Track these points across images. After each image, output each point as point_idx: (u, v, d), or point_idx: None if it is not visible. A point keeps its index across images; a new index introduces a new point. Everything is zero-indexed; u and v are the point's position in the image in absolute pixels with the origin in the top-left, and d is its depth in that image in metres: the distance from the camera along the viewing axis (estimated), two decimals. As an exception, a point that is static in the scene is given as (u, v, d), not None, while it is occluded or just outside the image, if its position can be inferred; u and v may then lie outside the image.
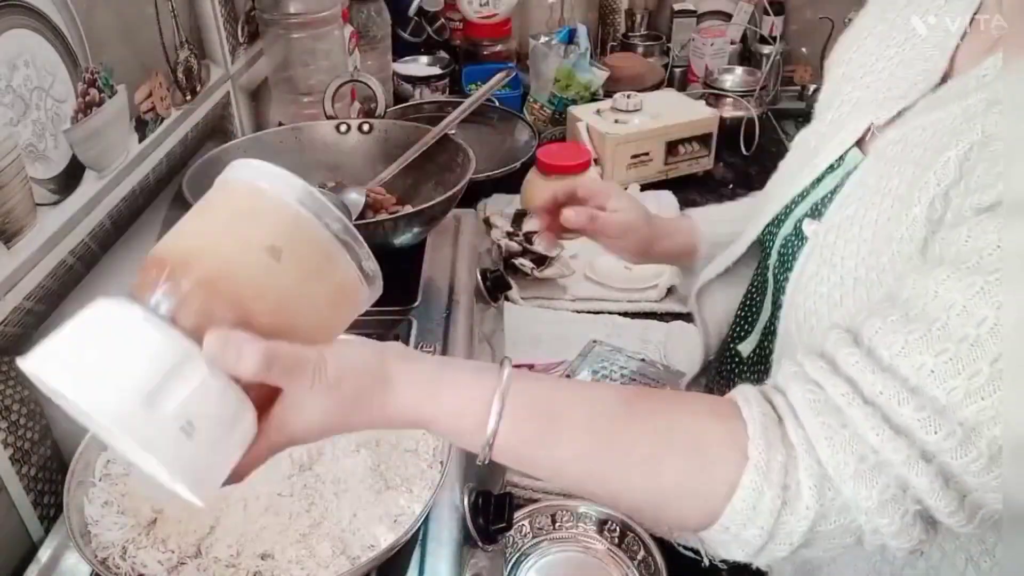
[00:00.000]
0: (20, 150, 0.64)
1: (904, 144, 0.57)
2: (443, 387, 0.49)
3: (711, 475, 0.48)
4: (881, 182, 0.57)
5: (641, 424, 0.50)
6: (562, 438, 0.49)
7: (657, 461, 0.49)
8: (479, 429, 0.47)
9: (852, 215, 0.58)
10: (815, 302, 0.60)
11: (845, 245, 0.58)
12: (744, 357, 0.74)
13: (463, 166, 0.94)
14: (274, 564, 0.53)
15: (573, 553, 0.84)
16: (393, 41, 1.66)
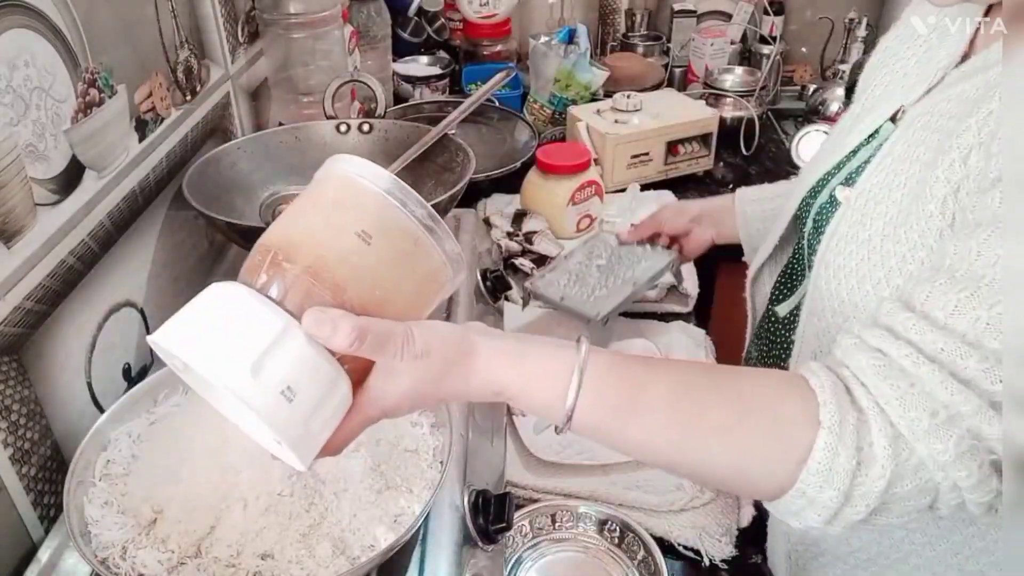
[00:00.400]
0: (20, 150, 0.64)
1: (931, 115, 0.62)
2: (525, 360, 0.51)
3: (787, 441, 0.49)
4: (909, 150, 0.62)
5: (718, 393, 0.52)
6: (641, 409, 0.50)
7: (735, 428, 0.50)
8: (559, 401, 0.50)
9: (882, 180, 0.63)
10: (845, 259, 0.64)
11: (875, 207, 0.62)
12: (780, 318, 0.80)
13: (463, 166, 0.94)
14: (274, 564, 0.53)
15: (573, 553, 0.84)
16: (393, 41, 1.66)
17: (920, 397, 0.47)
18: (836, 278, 0.65)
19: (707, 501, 0.86)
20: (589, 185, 1.29)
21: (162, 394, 0.66)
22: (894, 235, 0.60)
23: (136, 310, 0.84)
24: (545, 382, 0.50)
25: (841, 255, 0.65)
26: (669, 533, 0.84)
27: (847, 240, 0.65)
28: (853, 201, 0.66)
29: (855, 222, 0.64)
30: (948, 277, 0.49)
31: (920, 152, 0.61)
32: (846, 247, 0.64)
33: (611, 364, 0.51)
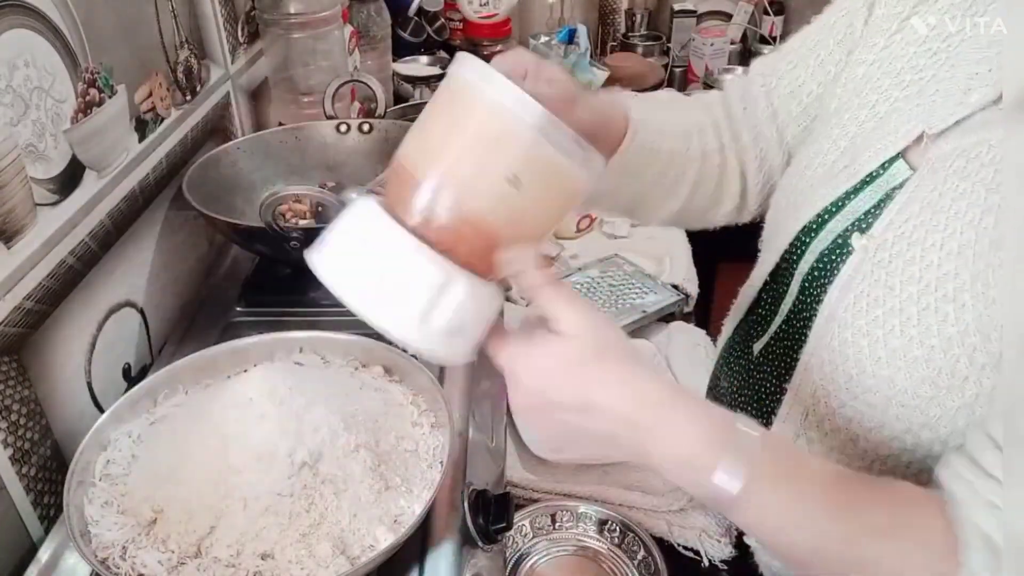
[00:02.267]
0: (20, 150, 0.64)
1: (966, 160, 0.54)
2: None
3: (939, 568, 0.47)
4: (943, 201, 0.54)
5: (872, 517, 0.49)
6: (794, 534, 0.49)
7: (890, 534, 0.48)
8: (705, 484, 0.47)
9: (909, 234, 0.56)
10: (868, 324, 0.57)
11: (904, 268, 0.55)
12: (755, 356, 0.74)
13: (463, 166, 0.94)
14: (274, 564, 0.53)
15: (573, 553, 0.84)
16: (393, 41, 1.65)
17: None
18: (855, 344, 0.58)
19: (707, 501, 0.86)
20: (589, 185, 1.28)
21: (162, 394, 0.66)
22: (937, 308, 0.53)
23: (136, 310, 0.84)
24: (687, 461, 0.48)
25: (862, 317, 0.57)
26: (669, 533, 0.84)
27: (868, 301, 0.57)
28: (872, 253, 0.58)
29: (877, 281, 0.57)
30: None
31: (962, 208, 0.53)
32: (869, 309, 0.57)
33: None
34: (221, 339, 0.79)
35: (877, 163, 0.61)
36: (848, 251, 0.61)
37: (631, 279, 1.14)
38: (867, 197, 0.61)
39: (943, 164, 0.55)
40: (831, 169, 0.65)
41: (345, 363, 0.70)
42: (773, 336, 0.71)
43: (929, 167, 0.57)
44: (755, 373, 0.73)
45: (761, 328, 0.73)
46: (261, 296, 0.88)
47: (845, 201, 0.63)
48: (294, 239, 0.77)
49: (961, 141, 0.55)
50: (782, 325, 0.69)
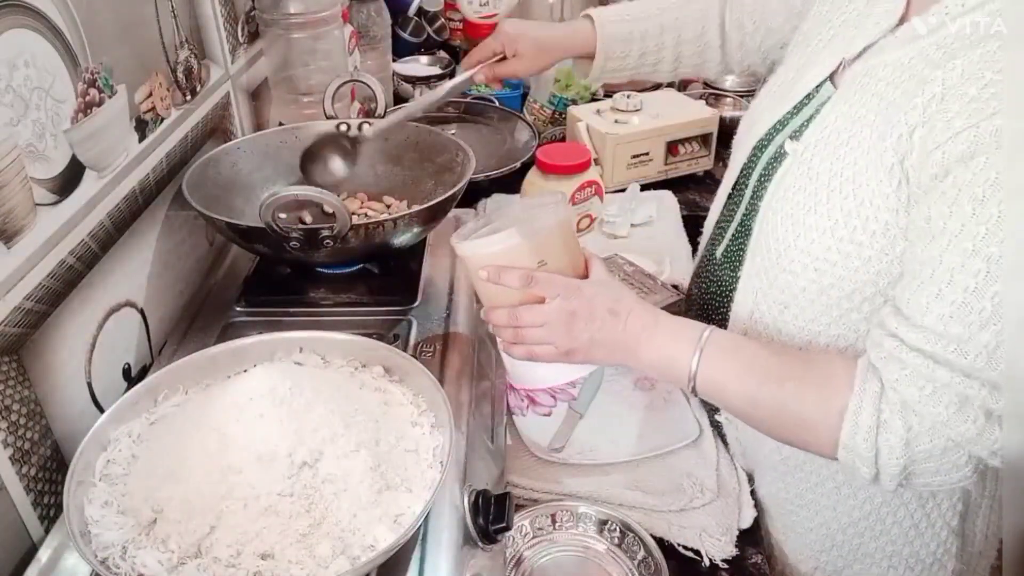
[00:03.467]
0: (20, 150, 0.64)
1: (869, 77, 0.69)
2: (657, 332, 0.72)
3: (832, 403, 0.64)
4: (851, 110, 0.69)
5: (789, 370, 0.68)
6: (734, 384, 0.69)
7: (803, 384, 0.67)
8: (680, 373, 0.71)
9: (827, 137, 0.71)
10: (792, 208, 0.72)
11: (820, 161, 0.71)
12: (717, 260, 0.88)
13: (463, 166, 0.94)
14: (274, 564, 0.53)
15: (573, 553, 0.84)
16: (393, 41, 1.66)
17: (912, 376, 0.60)
18: (783, 225, 0.73)
19: (707, 501, 0.86)
20: (589, 185, 1.29)
21: (162, 394, 0.66)
22: (841, 190, 0.68)
23: (136, 310, 0.84)
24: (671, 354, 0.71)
25: (788, 203, 0.73)
26: (669, 533, 0.84)
27: (794, 190, 0.72)
28: (800, 154, 0.73)
29: (801, 174, 0.72)
30: (918, 283, 0.60)
31: (861, 114, 0.68)
32: (793, 196, 0.72)
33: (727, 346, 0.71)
34: (221, 339, 0.79)
35: (811, 87, 0.77)
36: (784, 156, 0.77)
37: (631, 279, 1.14)
38: (804, 114, 0.77)
39: (853, 82, 0.71)
40: (778, 93, 0.82)
41: (345, 363, 0.70)
42: (731, 238, 0.86)
43: (844, 86, 0.72)
44: (717, 272, 0.88)
45: (723, 235, 0.88)
46: (261, 296, 0.88)
47: (789, 119, 0.79)
48: (294, 239, 0.78)
49: (867, 63, 0.70)
50: (737, 227, 0.84)
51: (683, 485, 0.87)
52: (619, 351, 0.73)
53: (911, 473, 0.63)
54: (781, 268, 0.73)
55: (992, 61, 0.58)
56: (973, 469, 0.62)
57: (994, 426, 0.59)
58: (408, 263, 0.93)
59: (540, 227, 0.73)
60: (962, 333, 0.58)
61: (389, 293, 0.88)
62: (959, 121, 0.57)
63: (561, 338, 0.72)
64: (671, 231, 1.34)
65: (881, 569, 0.84)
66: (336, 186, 0.99)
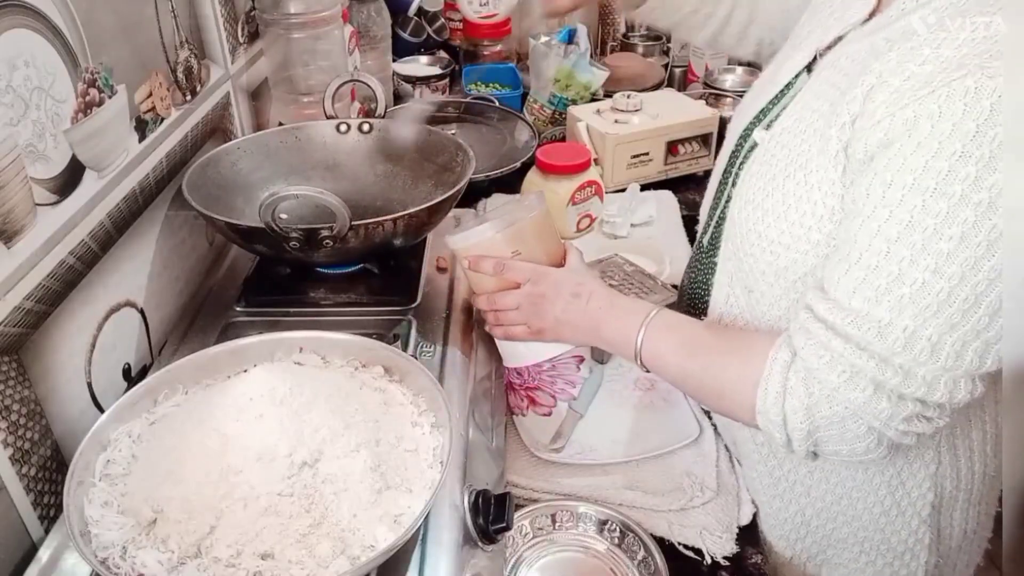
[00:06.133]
0: (20, 150, 0.64)
1: (833, 69, 0.72)
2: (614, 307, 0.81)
3: (748, 372, 0.69)
4: (812, 100, 0.73)
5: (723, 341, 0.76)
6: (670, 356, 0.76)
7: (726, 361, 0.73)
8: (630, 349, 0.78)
9: (790, 126, 0.74)
10: (753, 194, 0.76)
11: (780, 149, 0.74)
12: (704, 246, 0.91)
13: (463, 166, 0.94)
14: (274, 564, 0.53)
15: (573, 553, 0.84)
16: (393, 41, 1.66)
17: (822, 349, 0.64)
18: (746, 210, 0.77)
19: (707, 500, 0.86)
20: (589, 185, 1.29)
21: (162, 394, 0.66)
22: (794, 176, 0.71)
23: (136, 310, 0.84)
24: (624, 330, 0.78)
25: (751, 190, 0.76)
26: (669, 533, 0.84)
27: (757, 176, 0.76)
28: (767, 143, 0.77)
29: (764, 161, 0.76)
30: (846, 266, 0.63)
31: (820, 104, 0.71)
32: (755, 183, 0.76)
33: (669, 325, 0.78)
34: (221, 339, 0.79)
35: (789, 77, 0.80)
36: (755, 145, 0.80)
37: (631, 279, 1.14)
38: (782, 104, 0.80)
39: (820, 72, 0.74)
40: (762, 85, 0.86)
41: (345, 363, 0.70)
42: (713, 226, 0.88)
43: (814, 76, 0.75)
44: (703, 259, 0.91)
45: (709, 224, 0.91)
46: (261, 296, 0.88)
47: (769, 109, 0.82)
48: (294, 239, 0.77)
49: (835, 54, 0.73)
50: (719, 215, 0.87)
51: (683, 484, 0.87)
52: (582, 330, 0.82)
53: (818, 440, 0.66)
54: (745, 252, 0.77)
55: (917, 53, 0.61)
56: (877, 442, 0.65)
57: (881, 399, 0.62)
58: (408, 263, 0.93)
59: (514, 220, 0.82)
60: (885, 316, 0.61)
61: (389, 293, 0.88)
62: (882, 110, 0.61)
63: (531, 318, 0.82)
64: (671, 231, 1.34)
65: (853, 554, 0.86)
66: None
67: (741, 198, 0.78)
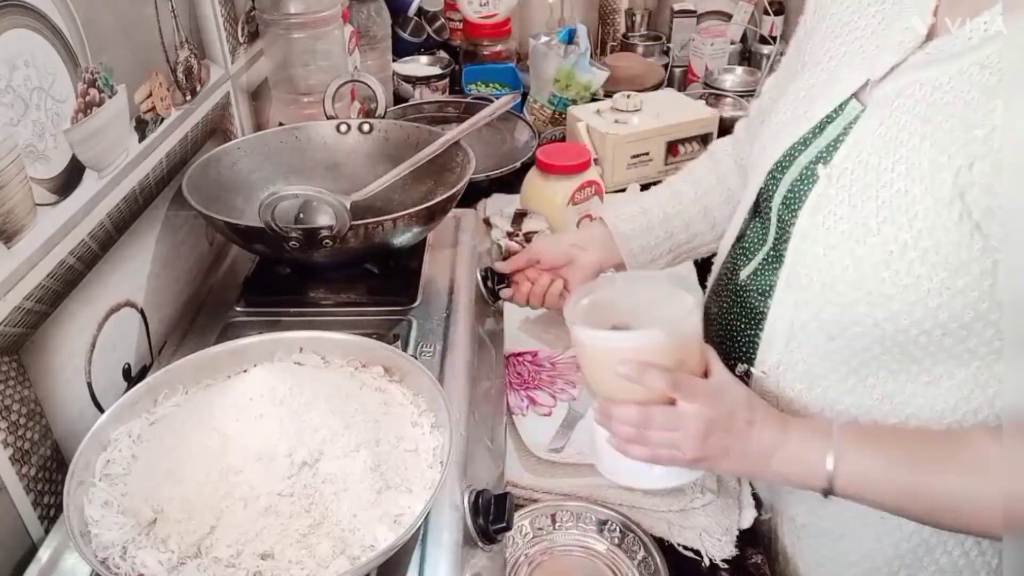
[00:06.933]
0: (20, 150, 0.64)
1: (904, 98, 0.67)
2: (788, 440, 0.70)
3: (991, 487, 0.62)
4: (890, 132, 0.67)
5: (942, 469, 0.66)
6: (879, 474, 0.67)
7: (958, 503, 0.64)
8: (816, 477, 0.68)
9: (865, 161, 0.68)
10: (836, 238, 0.69)
11: (864, 189, 0.67)
12: (741, 280, 0.84)
13: (463, 166, 0.94)
14: (274, 564, 0.53)
15: (573, 553, 0.84)
16: (393, 41, 1.66)
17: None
18: (827, 256, 0.69)
19: (707, 501, 0.86)
20: (589, 185, 1.29)
21: (162, 394, 0.66)
22: (894, 220, 0.64)
23: (136, 310, 0.84)
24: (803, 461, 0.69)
25: (831, 233, 0.69)
26: (669, 533, 0.84)
27: (835, 218, 0.69)
28: (835, 180, 0.70)
29: (841, 201, 0.69)
30: None
31: (904, 138, 0.65)
32: (835, 225, 0.69)
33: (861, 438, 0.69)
34: (221, 339, 0.79)
35: (832, 107, 0.74)
36: (814, 180, 0.73)
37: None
38: (828, 134, 0.74)
39: (886, 102, 0.68)
40: (792, 115, 0.78)
41: (345, 363, 0.70)
42: (760, 263, 0.82)
43: (875, 105, 0.69)
44: (743, 295, 0.84)
45: (747, 257, 0.84)
46: (261, 296, 0.88)
47: (810, 139, 0.75)
48: (294, 239, 0.78)
49: (898, 82, 0.68)
50: (768, 252, 0.81)
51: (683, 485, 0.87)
52: (748, 462, 0.71)
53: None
54: (827, 300, 0.70)
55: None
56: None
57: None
58: (408, 263, 0.93)
59: (686, 329, 0.71)
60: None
61: (389, 293, 0.88)
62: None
63: (692, 446, 0.69)
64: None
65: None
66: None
67: (816, 243, 0.71)
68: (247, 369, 0.68)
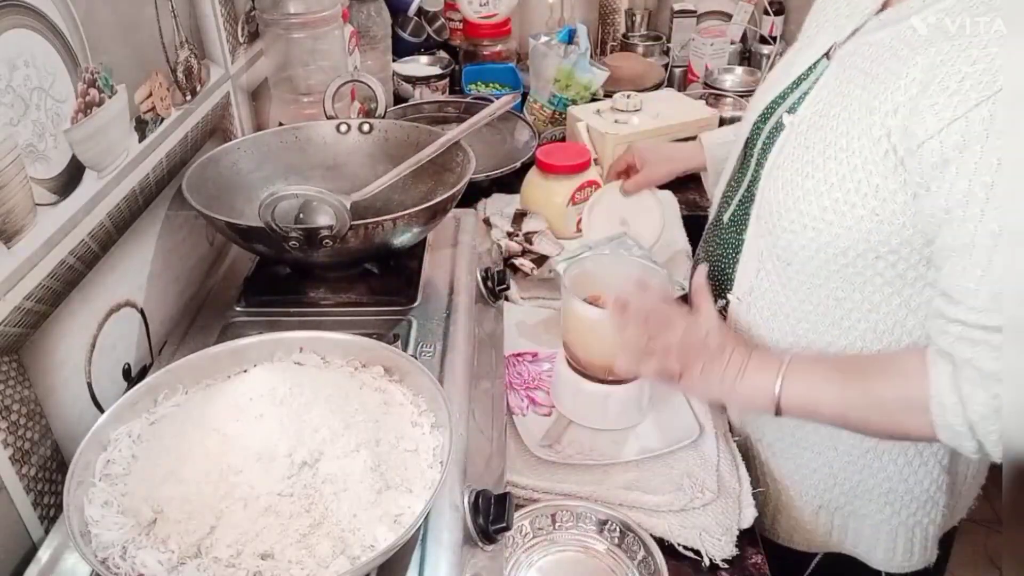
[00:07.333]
0: (20, 150, 0.64)
1: (856, 56, 0.79)
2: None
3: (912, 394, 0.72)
4: (840, 85, 0.79)
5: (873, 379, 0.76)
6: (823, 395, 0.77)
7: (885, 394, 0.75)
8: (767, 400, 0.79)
9: (819, 110, 0.81)
10: (791, 175, 0.80)
11: (815, 132, 0.79)
12: (724, 223, 0.96)
13: (463, 166, 0.94)
14: (274, 564, 0.53)
15: (573, 553, 0.84)
16: (393, 41, 1.66)
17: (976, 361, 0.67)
18: (784, 190, 0.81)
19: (707, 501, 0.86)
20: (589, 185, 1.29)
21: (162, 394, 0.66)
22: (835, 157, 0.76)
23: (136, 310, 0.84)
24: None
25: (788, 171, 0.81)
26: (669, 533, 0.84)
27: (792, 159, 0.81)
28: (796, 126, 0.83)
29: (798, 143, 0.81)
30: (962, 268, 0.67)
31: (849, 88, 0.77)
32: (791, 164, 0.81)
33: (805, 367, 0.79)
34: (221, 339, 0.79)
35: (807, 65, 0.87)
36: (782, 127, 0.86)
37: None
38: (801, 89, 0.87)
39: (842, 60, 0.81)
40: (778, 75, 0.93)
41: (345, 363, 0.70)
42: (737, 204, 0.94)
43: (835, 63, 0.82)
44: (724, 235, 0.96)
45: (729, 201, 0.96)
46: (261, 296, 0.88)
47: (787, 93, 0.89)
48: (294, 239, 0.78)
49: (855, 43, 0.80)
50: (743, 193, 0.93)
51: (683, 485, 0.87)
52: (718, 384, 0.81)
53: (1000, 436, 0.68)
54: (783, 228, 0.81)
55: (963, 55, 0.66)
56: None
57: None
58: (408, 263, 0.93)
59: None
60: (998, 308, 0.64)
61: (389, 293, 0.88)
62: (947, 112, 0.65)
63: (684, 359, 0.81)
64: (671, 231, 1.34)
65: (879, 504, 0.92)
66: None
67: (775, 179, 0.83)
68: (247, 369, 0.68)
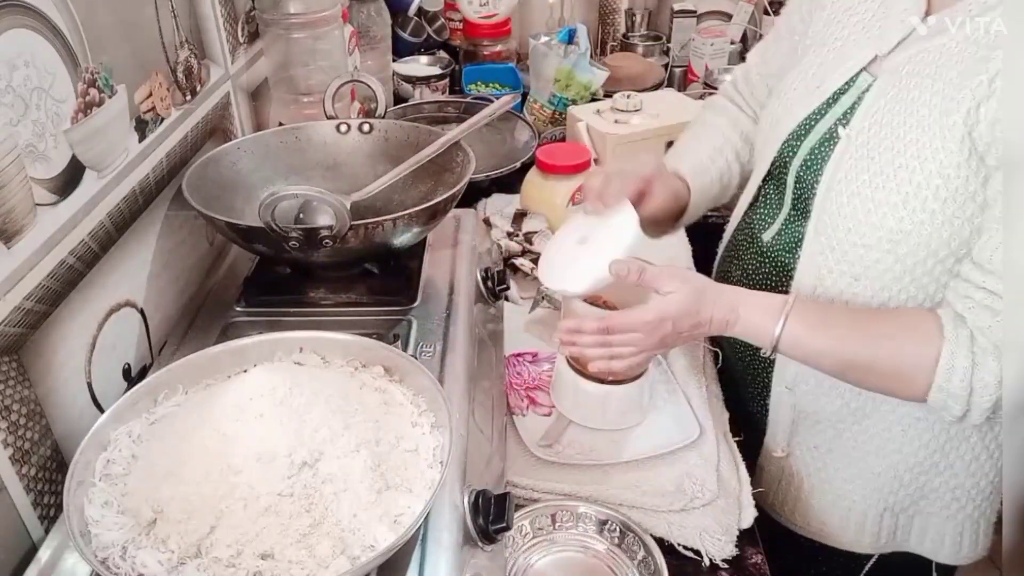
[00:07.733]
0: (20, 150, 0.64)
1: (913, 63, 0.78)
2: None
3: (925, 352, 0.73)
4: (900, 93, 0.78)
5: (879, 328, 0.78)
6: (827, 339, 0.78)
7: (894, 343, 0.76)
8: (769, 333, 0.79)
9: (880, 120, 0.79)
10: (858, 187, 0.79)
11: (879, 143, 0.78)
12: (767, 242, 0.94)
13: (463, 166, 0.94)
14: (274, 564, 0.53)
15: (573, 553, 0.84)
16: (393, 41, 1.66)
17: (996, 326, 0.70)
18: (850, 203, 0.80)
19: (707, 501, 0.86)
20: (589, 185, 1.28)
21: (162, 394, 0.66)
22: (907, 165, 0.75)
23: (136, 310, 0.84)
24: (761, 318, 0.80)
25: (853, 184, 0.79)
26: (669, 533, 0.84)
27: (856, 171, 0.79)
28: (854, 139, 0.81)
29: (861, 156, 0.79)
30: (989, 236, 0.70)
31: (915, 95, 0.76)
32: (857, 177, 0.79)
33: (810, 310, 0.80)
34: (221, 339, 0.79)
35: (843, 80, 0.85)
36: (835, 141, 0.84)
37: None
38: (843, 103, 0.85)
39: (896, 70, 0.80)
40: (804, 90, 0.89)
41: (345, 363, 0.70)
42: (783, 223, 0.92)
43: (887, 74, 0.81)
44: (768, 254, 0.94)
45: (766, 220, 0.95)
46: (261, 296, 0.88)
47: (825, 109, 0.86)
48: (294, 239, 0.78)
49: (905, 53, 0.79)
50: (790, 212, 0.91)
51: (683, 485, 0.87)
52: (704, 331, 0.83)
53: (998, 407, 0.71)
54: (852, 243, 0.80)
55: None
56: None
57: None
58: (408, 263, 0.93)
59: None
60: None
61: (389, 293, 0.88)
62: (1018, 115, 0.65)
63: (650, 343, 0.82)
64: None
65: (945, 502, 0.92)
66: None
67: (838, 193, 0.81)
68: (247, 369, 0.68)
